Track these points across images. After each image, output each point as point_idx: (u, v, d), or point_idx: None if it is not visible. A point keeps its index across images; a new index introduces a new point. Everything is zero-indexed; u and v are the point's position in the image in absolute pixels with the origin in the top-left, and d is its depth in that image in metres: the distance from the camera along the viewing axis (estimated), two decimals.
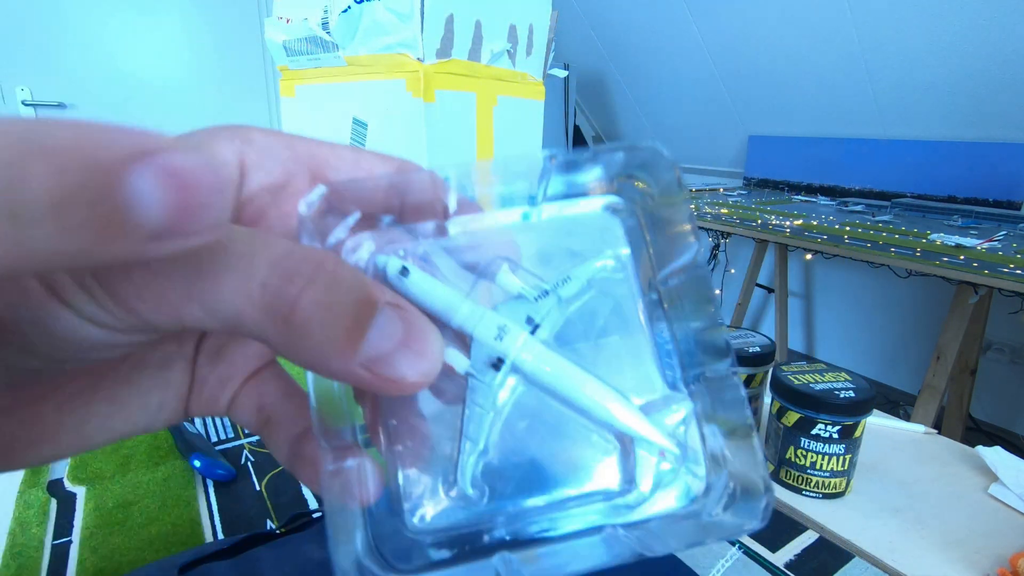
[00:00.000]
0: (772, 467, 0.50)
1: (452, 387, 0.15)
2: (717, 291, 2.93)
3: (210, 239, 0.10)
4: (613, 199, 0.17)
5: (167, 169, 0.09)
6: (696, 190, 2.47)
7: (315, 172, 0.17)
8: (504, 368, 0.15)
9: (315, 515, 0.41)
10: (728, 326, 0.56)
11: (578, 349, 0.16)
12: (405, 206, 0.16)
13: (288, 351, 0.12)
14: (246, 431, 0.54)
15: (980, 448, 0.53)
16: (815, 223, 1.64)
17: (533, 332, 0.15)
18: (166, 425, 0.17)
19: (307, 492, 0.45)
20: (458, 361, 0.15)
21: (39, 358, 0.12)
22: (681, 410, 0.16)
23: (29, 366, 0.12)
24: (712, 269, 2.99)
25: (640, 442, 0.15)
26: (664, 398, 0.16)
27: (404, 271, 0.15)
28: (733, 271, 2.87)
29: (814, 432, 0.46)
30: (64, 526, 0.41)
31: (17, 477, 0.46)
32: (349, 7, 0.47)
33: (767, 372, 0.54)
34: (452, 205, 0.16)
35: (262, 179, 0.16)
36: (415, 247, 0.16)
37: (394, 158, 0.17)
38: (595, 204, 0.17)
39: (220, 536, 0.40)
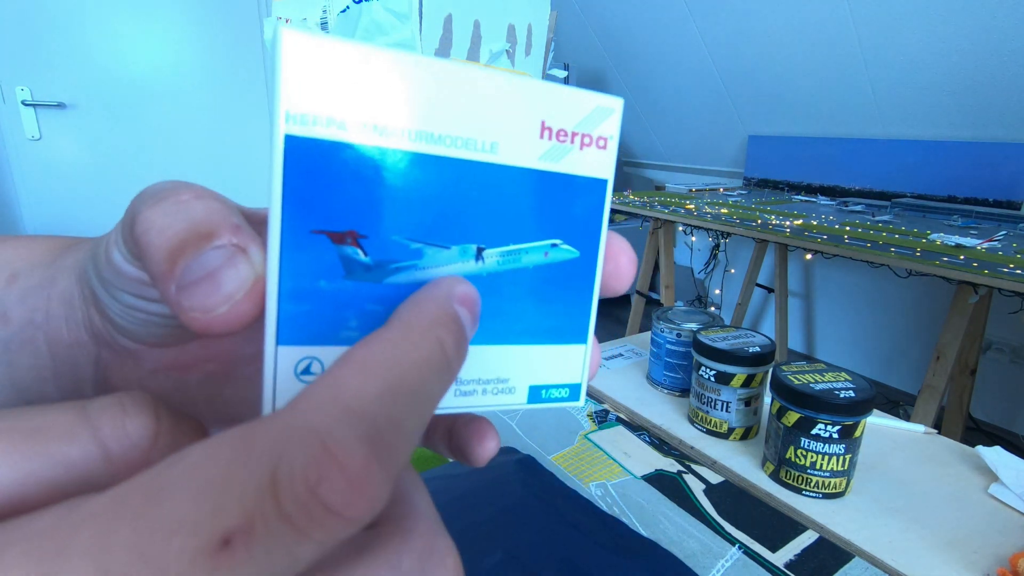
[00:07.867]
0: (772, 467, 0.50)
1: None
2: (717, 291, 2.93)
3: None
4: None
5: None
6: (696, 190, 2.47)
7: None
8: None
9: None
10: (728, 326, 0.57)
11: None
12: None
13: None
14: None
15: (980, 448, 0.53)
16: (815, 223, 1.64)
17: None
18: None
19: None
20: None
21: None
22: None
23: None
24: (712, 269, 2.99)
25: None
26: None
27: None
28: (733, 271, 2.87)
29: (814, 432, 0.46)
30: None
31: None
32: (348, 7, 0.47)
33: (767, 372, 0.54)
34: None
35: None
36: None
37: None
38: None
39: None
